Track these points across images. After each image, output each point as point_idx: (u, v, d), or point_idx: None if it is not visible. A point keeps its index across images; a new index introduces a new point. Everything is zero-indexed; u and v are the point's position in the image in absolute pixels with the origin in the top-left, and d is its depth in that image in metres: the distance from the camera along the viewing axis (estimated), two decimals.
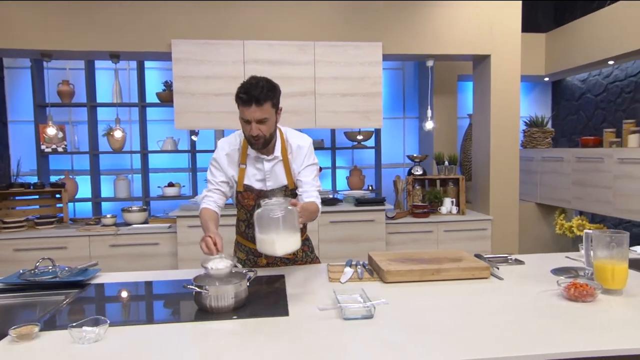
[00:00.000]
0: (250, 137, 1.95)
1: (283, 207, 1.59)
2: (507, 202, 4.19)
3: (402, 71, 5.50)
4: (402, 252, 2.15)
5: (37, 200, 4.14)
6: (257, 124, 1.90)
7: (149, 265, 3.80)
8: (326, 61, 3.89)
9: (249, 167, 2.07)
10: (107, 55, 3.90)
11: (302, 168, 2.10)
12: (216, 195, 2.12)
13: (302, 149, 2.10)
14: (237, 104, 1.94)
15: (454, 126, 5.17)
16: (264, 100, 1.88)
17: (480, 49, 4.09)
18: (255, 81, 1.90)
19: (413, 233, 4.05)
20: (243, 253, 2.27)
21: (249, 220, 2.11)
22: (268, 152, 2.05)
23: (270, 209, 1.59)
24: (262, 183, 2.09)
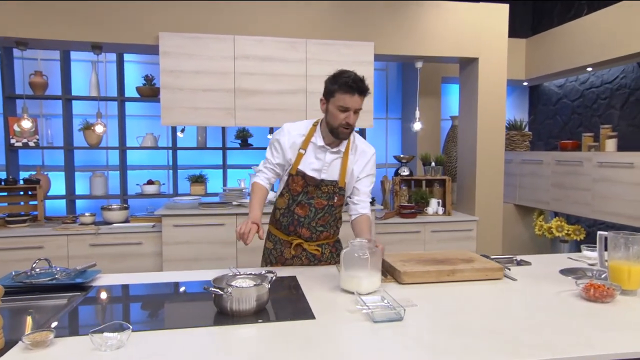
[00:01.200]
0: (341, 126, 2.02)
1: (369, 248, 1.70)
2: (491, 204, 4.26)
3: (386, 72, 5.52)
4: (413, 253, 2.13)
5: (6, 197, 3.90)
6: (354, 114, 2.02)
7: (133, 265, 3.65)
8: (318, 59, 3.85)
9: (308, 154, 2.13)
10: (88, 46, 3.71)
11: (364, 176, 2.19)
12: (270, 174, 2.21)
13: (366, 154, 2.20)
14: (336, 92, 2.02)
15: (437, 128, 5.22)
16: (365, 93, 2.04)
17: (468, 52, 4.14)
18: (356, 74, 2.05)
19: (401, 233, 4.05)
20: (271, 243, 2.30)
21: (289, 208, 2.17)
22: (335, 145, 2.13)
23: (357, 249, 1.70)
24: (317, 173, 2.14)
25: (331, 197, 2.15)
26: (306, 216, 2.16)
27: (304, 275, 1.96)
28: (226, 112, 3.75)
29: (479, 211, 4.24)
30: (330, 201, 2.15)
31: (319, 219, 2.18)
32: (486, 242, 4.25)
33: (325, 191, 2.14)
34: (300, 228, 2.18)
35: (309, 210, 2.15)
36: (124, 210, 3.93)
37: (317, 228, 2.20)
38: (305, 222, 2.17)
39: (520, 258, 2.25)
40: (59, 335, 1.27)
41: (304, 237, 2.20)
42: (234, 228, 3.73)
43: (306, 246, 2.20)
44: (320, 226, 2.20)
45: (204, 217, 3.68)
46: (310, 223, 2.17)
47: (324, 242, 2.26)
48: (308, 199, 2.15)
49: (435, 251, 2.18)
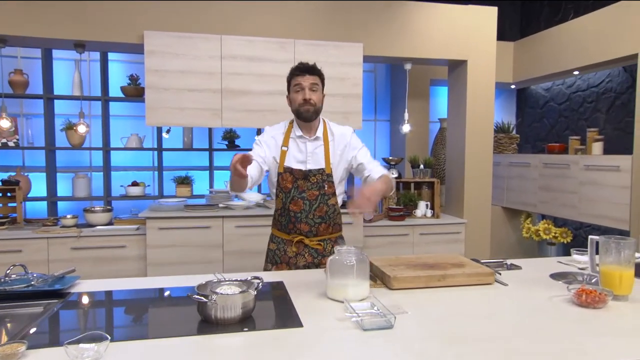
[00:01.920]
0: (301, 105, 2.15)
1: (356, 254, 1.66)
2: (480, 206, 4.25)
3: (374, 74, 5.50)
4: (402, 257, 2.09)
5: None
6: (310, 91, 2.15)
7: (116, 269, 3.56)
8: (306, 60, 3.77)
9: (291, 148, 2.23)
10: (71, 44, 3.62)
11: (357, 152, 2.27)
12: (251, 165, 2.18)
13: (345, 136, 2.28)
14: (290, 80, 2.21)
15: (425, 130, 5.21)
16: (316, 72, 2.20)
17: (457, 54, 4.13)
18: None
19: (390, 236, 4.02)
20: (274, 244, 2.35)
21: (285, 206, 2.23)
22: (310, 132, 2.24)
23: (343, 256, 1.65)
24: (302, 164, 2.22)
25: (321, 186, 2.21)
26: (302, 210, 2.21)
27: (291, 280, 1.91)
28: (212, 112, 3.69)
29: (468, 214, 4.23)
30: (321, 190, 2.21)
31: (315, 210, 2.22)
32: (474, 244, 4.24)
33: (314, 181, 2.21)
34: (299, 224, 2.23)
35: (303, 204, 2.21)
36: (108, 212, 3.83)
37: (314, 220, 2.24)
38: (302, 216, 2.22)
39: (511, 262, 2.23)
40: (32, 347, 1.20)
41: (304, 233, 2.25)
42: (220, 231, 3.67)
43: (307, 242, 2.24)
44: (318, 217, 2.24)
45: (190, 220, 3.61)
46: (308, 216, 2.22)
47: (325, 237, 2.30)
48: (300, 193, 2.20)
49: (426, 255, 2.15)
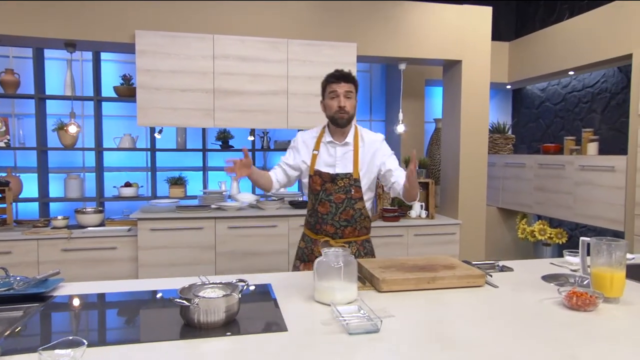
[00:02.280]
0: (337, 112, 2.22)
1: (344, 257, 1.62)
2: (474, 207, 4.23)
3: (370, 74, 5.48)
4: (393, 259, 2.07)
5: None
6: (345, 98, 2.21)
7: (106, 271, 3.53)
8: (300, 60, 3.77)
9: (321, 152, 2.32)
10: (61, 43, 3.59)
11: (387, 158, 2.32)
12: (279, 169, 2.40)
13: (375, 142, 2.33)
14: (326, 87, 2.28)
15: (421, 130, 5.19)
16: (350, 80, 2.26)
17: (452, 54, 4.11)
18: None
19: (384, 237, 3.99)
20: (304, 242, 2.44)
21: (314, 207, 2.33)
22: (342, 137, 2.30)
23: (331, 258, 1.62)
24: (331, 168, 2.29)
25: (348, 190, 2.27)
26: (328, 212, 2.29)
27: (280, 283, 1.88)
28: (205, 113, 3.66)
29: (462, 214, 4.21)
30: (347, 194, 2.27)
31: (341, 213, 2.29)
32: (469, 245, 4.22)
33: (341, 185, 2.27)
34: (325, 225, 2.31)
35: (330, 207, 2.29)
36: (99, 213, 3.80)
37: (340, 223, 2.30)
38: (328, 218, 2.30)
39: (503, 264, 2.20)
40: (6, 353, 1.17)
41: (330, 234, 2.32)
42: (213, 232, 3.64)
43: (333, 243, 2.30)
44: (344, 221, 2.30)
45: (182, 221, 3.58)
46: (334, 218, 2.29)
47: (351, 240, 2.34)
48: (327, 196, 2.28)
49: (418, 257, 2.12)
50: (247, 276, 2.02)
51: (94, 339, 1.35)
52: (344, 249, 1.70)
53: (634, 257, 2.32)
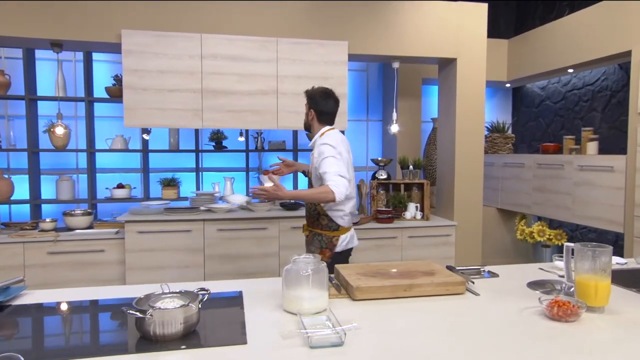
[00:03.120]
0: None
1: (313, 264, 1.57)
2: (471, 208, 4.14)
3: (366, 73, 5.40)
4: (372, 265, 1.99)
5: None
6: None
7: (93, 274, 3.48)
8: (289, 59, 3.70)
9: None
10: (47, 43, 3.55)
11: (321, 160, 2.43)
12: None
13: (320, 145, 2.48)
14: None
15: (417, 130, 5.10)
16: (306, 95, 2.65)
17: (446, 52, 4.02)
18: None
19: (377, 239, 3.92)
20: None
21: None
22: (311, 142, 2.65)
23: (299, 266, 1.56)
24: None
25: (311, 185, 2.63)
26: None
27: (253, 290, 1.82)
28: (193, 113, 3.60)
29: (458, 216, 4.12)
30: (309, 189, 2.60)
31: (307, 204, 2.64)
32: (465, 247, 4.13)
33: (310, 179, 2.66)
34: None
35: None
36: (88, 215, 3.75)
37: (306, 212, 2.68)
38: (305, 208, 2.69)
39: (489, 269, 2.12)
40: None
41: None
42: (201, 234, 3.58)
43: (305, 227, 2.69)
44: (306, 211, 2.67)
45: (169, 223, 3.53)
46: (305, 208, 2.69)
47: (310, 229, 2.64)
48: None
49: (400, 262, 2.05)
50: (225, 282, 1.96)
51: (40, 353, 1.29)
52: (315, 256, 1.63)
53: (626, 261, 2.23)
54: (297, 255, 1.62)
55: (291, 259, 1.61)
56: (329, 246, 2.55)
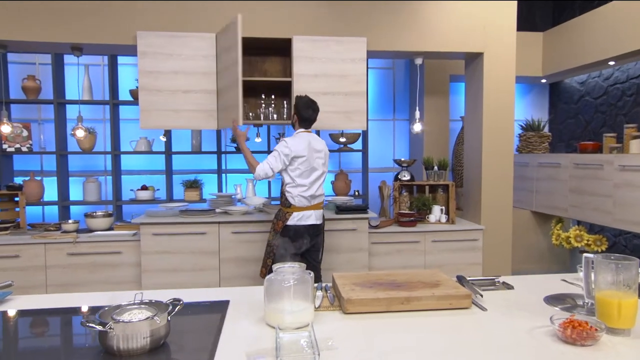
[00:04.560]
0: None
1: (297, 274, 1.46)
2: (500, 211, 3.90)
3: (393, 71, 5.23)
4: (372, 274, 1.85)
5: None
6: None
7: (111, 276, 3.50)
8: (306, 57, 3.60)
9: None
10: (68, 47, 3.60)
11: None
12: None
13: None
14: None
15: (445, 129, 4.89)
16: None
17: (472, 47, 3.81)
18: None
19: (398, 243, 3.75)
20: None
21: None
22: None
23: (282, 276, 1.46)
24: None
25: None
26: None
27: (241, 299, 1.72)
28: (208, 114, 3.56)
29: (486, 219, 3.89)
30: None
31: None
32: (494, 253, 3.89)
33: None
34: None
35: None
36: (108, 217, 3.78)
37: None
38: None
39: (504, 279, 1.94)
40: None
41: None
42: (216, 237, 3.53)
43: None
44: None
45: (184, 226, 3.50)
46: None
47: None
48: None
49: (402, 271, 1.90)
50: (178, 297, 1.88)
51: None
52: (301, 265, 1.51)
53: None
54: (282, 264, 1.51)
55: (273, 268, 1.50)
56: (282, 219, 3.10)
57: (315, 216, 3.13)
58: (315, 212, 3.13)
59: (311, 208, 3.11)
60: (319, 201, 3.17)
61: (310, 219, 3.11)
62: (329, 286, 1.85)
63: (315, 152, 3.11)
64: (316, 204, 3.14)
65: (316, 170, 3.11)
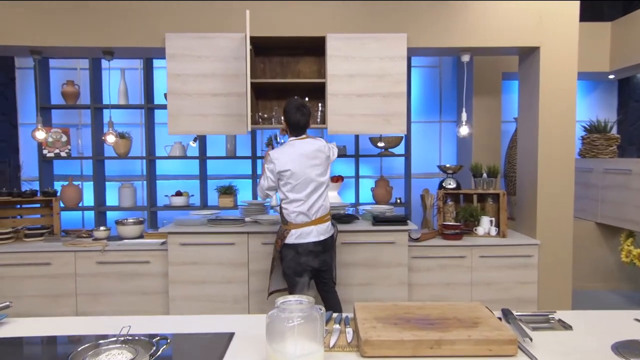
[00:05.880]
0: None
1: (303, 311, 1.21)
2: (558, 223, 3.48)
3: (439, 69, 4.88)
4: (400, 306, 1.58)
5: (33, 209, 3.86)
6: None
7: (139, 286, 3.40)
8: (340, 56, 3.35)
9: None
10: (100, 52, 3.55)
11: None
12: None
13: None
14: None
15: (497, 132, 4.49)
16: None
17: (526, 40, 3.42)
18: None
19: (442, 258, 3.43)
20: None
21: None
22: None
23: (286, 313, 1.21)
24: None
25: None
26: None
27: (247, 332, 1.50)
28: (238, 118, 3.39)
29: (543, 232, 3.48)
30: None
31: None
32: (551, 270, 3.48)
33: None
34: None
35: None
36: (139, 224, 3.69)
37: None
38: None
39: (561, 316, 1.60)
40: None
41: None
42: (245, 248, 3.35)
43: None
44: None
45: (212, 236, 3.34)
46: None
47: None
48: None
49: (438, 303, 1.61)
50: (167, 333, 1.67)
51: None
52: (309, 299, 1.27)
53: None
54: (284, 298, 1.28)
55: (277, 302, 1.27)
56: (280, 237, 2.85)
57: (316, 232, 2.80)
58: (317, 228, 2.80)
59: (311, 224, 2.79)
60: (322, 214, 2.84)
61: (310, 236, 2.78)
62: (349, 319, 1.60)
63: (309, 160, 2.77)
64: (318, 218, 2.81)
65: (312, 181, 2.78)
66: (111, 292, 3.40)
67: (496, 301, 3.41)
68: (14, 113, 4.71)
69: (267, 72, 3.71)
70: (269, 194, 2.88)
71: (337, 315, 1.63)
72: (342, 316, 1.63)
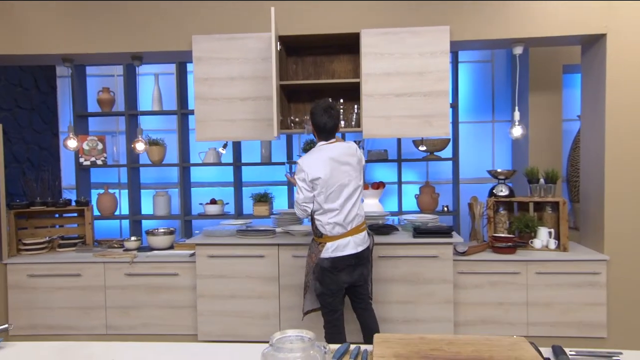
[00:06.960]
0: None
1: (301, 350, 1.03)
2: (631, 236, 3.03)
3: (492, 64, 4.48)
4: (426, 339, 1.29)
5: (68, 219, 3.84)
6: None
7: (167, 300, 3.28)
8: (376, 53, 3.08)
9: None
10: (129, 57, 3.46)
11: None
12: None
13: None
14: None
15: (557, 132, 4.04)
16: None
17: (590, 27, 3.00)
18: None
19: (492, 274, 3.07)
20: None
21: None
22: None
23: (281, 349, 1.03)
24: None
25: None
26: None
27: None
28: (267, 123, 3.19)
29: (612, 246, 3.04)
30: None
31: None
32: (622, 290, 3.03)
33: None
34: None
35: None
36: (169, 235, 3.58)
37: None
38: None
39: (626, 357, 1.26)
40: None
41: None
42: (276, 261, 3.14)
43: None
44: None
45: (241, 248, 3.16)
46: None
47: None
48: None
49: (472, 337, 1.30)
50: (244, 349, 1.45)
51: None
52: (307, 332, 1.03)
53: None
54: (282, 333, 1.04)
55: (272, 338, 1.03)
56: (315, 252, 2.64)
57: (354, 243, 2.58)
58: (354, 238, 2.59)
59: (348, 234, 2.58)
60: (358, 223, 2.62)
61: (347, 248, 2.57)
62: (368, 352, 1.34)
63: (340, 166, 2.56)
64: (355, 227, 2.60)
65: (346, 186, 2.56)
66: (140, 306, 3.30)
67: (556, 324, 3.01)
68: (55, 121, 4.76)
69: (299, 73, 3.49)
70: (307, 208, 2.60)
71: (354, 348, 1.38)
72: (361, 349, 1.37)
